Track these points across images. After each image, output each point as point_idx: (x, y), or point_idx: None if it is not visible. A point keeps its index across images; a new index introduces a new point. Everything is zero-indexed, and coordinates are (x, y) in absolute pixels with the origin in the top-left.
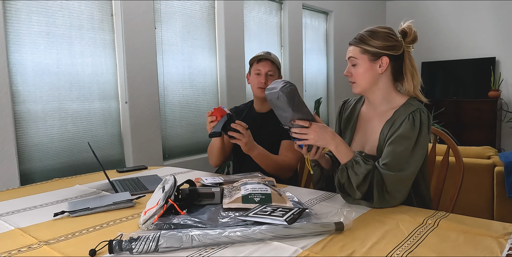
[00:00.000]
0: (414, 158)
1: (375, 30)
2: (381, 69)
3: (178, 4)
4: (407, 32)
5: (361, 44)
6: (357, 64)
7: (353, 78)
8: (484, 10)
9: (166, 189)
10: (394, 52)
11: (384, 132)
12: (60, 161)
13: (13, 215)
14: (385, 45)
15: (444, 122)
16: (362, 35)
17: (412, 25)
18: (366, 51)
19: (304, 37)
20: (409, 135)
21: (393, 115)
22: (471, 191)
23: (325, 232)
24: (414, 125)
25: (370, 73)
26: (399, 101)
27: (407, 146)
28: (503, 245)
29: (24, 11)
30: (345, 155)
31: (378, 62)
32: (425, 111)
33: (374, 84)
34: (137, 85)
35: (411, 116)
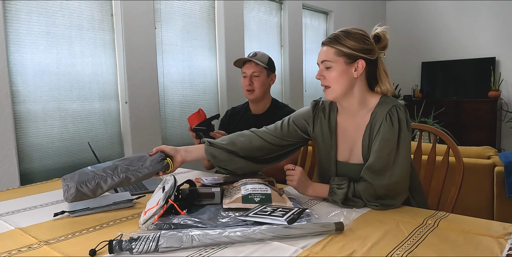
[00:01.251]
0: (401, 156)
1: (351, 31)
2: (357, 73)
3: (178, 4)
4: (380, 37)
5: (336, 45)
6: (331, 67)
7: (326, 82)
8: (484, 10)
9: (166, 189)
10: (370, 56)
11: (365, 137)
12: (60, 161)
13: (13, 215)
14: (362, 47)
15: (444, 122)
16: (337, 35)
17: (386, 31)
18: (342, 53)
19: (304, 37)
20: (390, 136)
21: (370, 118)
22: (471, 191)
23: (325, 232)
24: (393, 125)
25: (345, 77)
26: (374, 102)
27: (392, 147)
28: (503, 245)
29: (24, 11)
30: (323, 192)
31: (354, 66)
32: (401, 107)
33: (349, 89)
34: (137, 85)
35: (388, 116)
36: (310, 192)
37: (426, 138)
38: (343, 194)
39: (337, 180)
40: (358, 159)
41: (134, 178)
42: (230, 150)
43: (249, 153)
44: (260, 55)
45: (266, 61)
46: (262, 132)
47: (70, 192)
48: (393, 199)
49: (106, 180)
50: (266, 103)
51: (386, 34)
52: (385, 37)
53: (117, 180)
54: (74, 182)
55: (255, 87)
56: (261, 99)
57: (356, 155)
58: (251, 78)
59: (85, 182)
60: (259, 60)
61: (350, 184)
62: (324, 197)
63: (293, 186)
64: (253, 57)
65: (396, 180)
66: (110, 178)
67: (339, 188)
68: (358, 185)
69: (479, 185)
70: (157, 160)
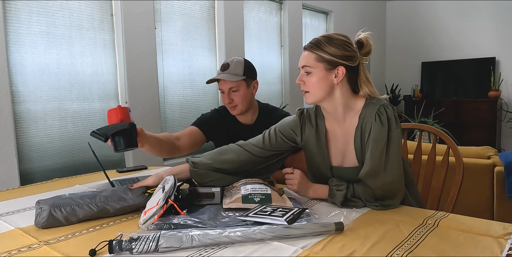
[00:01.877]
0: (392, 154)
1: (333, 36)
2: (337, 80)
3: (178, 4)
4: (363, 43)
5: (317, 50)
6: (311, 73)
7: (306, 87)
8: (484, 10)
9: (166, 189)
10: (350, 63)
11: (356, 140)
12: (60, 161)
13: (13, 215)
14: (343, 54)
15: (444, 122)
16: (318, 40)
17: (370, 37)
18: (322, 59)
19: (304, 37)
20: (381, 137)
21: (358, 121)
22: (471, 191)
23: (325, 232)
24: (382, 125)
25: (325, 83)
26: (360, 105)
27: (383, 146)
28: (503, 245)
29: (24, 11)
30: (323, 193)
31: (334, 72)
32: (389, 106)
33: (329, 94)
34: (137, 85)
35: (377, 116)
36: (311, 193)
37: (426, 138)
38: (342, 196)
39: (336, 181)
40: (352, 162)
41: (112, 209)
42: (217, 169)
43: (237, 168)
44: (234, 65)
45: (241, 71)
46: (249, 145)
47: (42, 215)
48: (391, 199)
49: (82, 207)
50: (254, 112)
51: (369, 40)
52: (368, 43)
53: (95, 209)
54: (48, 205)
55: (236, 103)
56: (247, 110)
57: (350, 159)
58: (230, 95)
59: (59, 207)
60: (233, 73)
61: (349, 185)
62: (325, 198)
63: (294, 190)
64: (225, 72)
65: (391, 178)
66: (87, 206)
67: (338, 189)
68: (357, 186)
69: (479, 185)
70: (137, 193)
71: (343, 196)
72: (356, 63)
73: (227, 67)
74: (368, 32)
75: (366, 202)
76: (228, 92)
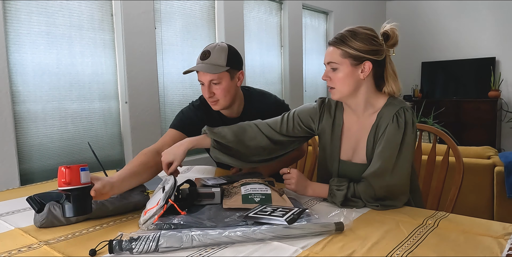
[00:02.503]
0: (403, 158)
1: (358, 31)
2: (363, 74)
3: (178, 4)
4: (389, 35)
5: (343, 46)
6: (337, 69)
7: (332, 83)
8: (484, 10)
9: (166, 189)
10: (377, 57)
11: (370, 138)
12: (60, 161)
13: (13, 215)
14: (369, 48)
15: (444, 122)
16: (343, 35)
17: (396, 28)
18: (348, 55)
19: (304, 37)
20: (395, 138)
21: (376, 119)
22: (471, 191)
23: (325, 232)
24: (399, 127)
25: (351, 78)
26: (381, 103)
27: (394, 148)
28: (503, 245)
29: (24, 11)
30: (322, 192)
31: (360, 67)
32: (409, 109)
33: (355, 90)
34: (137, 85)
35: (395, 118)
36: (310, 192)
37: (426, 138)
38: (342, 196)
39: (337, 180)
40: (361, 159)
41: (111, 206)
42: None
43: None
44: (216, 52)
45: (224, 60)
46: (267, 128)
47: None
48: (393, 200)
49: None
50: (240, 104)
51: (395, 31)
52: (394, 34)
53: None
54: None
55: (218, 97)
56: (231, 105)
57: (359, 155)
58: (210, 88)
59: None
60: (215, 64)
61: (349, 184)
62: (324, 197)
63: (292, 189)
64: (205, 61)
65: (396, 181)
66: None
67: (339, 189)
68: (358, 186)
69: (479, 185)
70: (137, 191)
71: (343, 195)
72: (382, 57)
73: (207, 55)
74: (394, 23)
75: (366, 202)
76: (208, 85)
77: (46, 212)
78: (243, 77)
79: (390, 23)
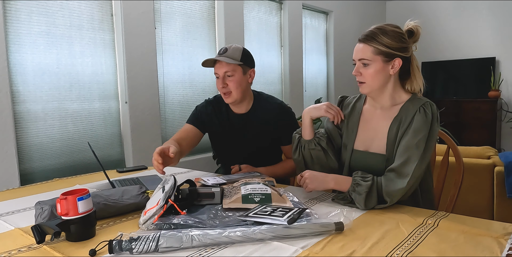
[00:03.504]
0: (427, 150)
1: (386, 28)
2: (393, 70)
3: (178, 4)
4: (414, 32)
5: (374, 43)
6: (369, 65)
7: (362, 78)
8: (484, 10)
9: (166, 189)
10: (405, 54)
11: (392, 129)
12: (60, 161)
13: (13, 215)
14: (399, 46)
15: (444, 122)
16: (374, 32)
17: (419, 26)
18: (380, 52)
19: (304, 37)
20: (422, 127)
21: (400, 111)
22: (471, 191)
23: (325, 232)
24: (426, 117)
25: (382, 74)
26: (404, 98)
27: (422, 137)
28: (503, 245)
29: (24, 11)
30: (345, 184)
31: (391, 64)
32: (434, 105)
33: (383, 85)
34: (137, 85)
35: (422, 109)
36: (331, 184)
37: None
38: (367, 187)
39: (361, 173)
40: (380, 149)
41: (112, 208)
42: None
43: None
44: (232, 50)
45: (239, 56)
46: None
47: (43, 215)
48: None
49: None
50: (249, 102)
51: (419, 28)
52: (418, 31)
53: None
54: (49, 205)
55: (230, 88)
56: (242, 100)
57: (378, 145)
58: (225, 79)
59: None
60: (231, 57)
61: (374, 177)
62: (346, 189)
63: (311, 188)
64: (223, 55)
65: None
66: None
67: (365, 180)
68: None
69: (479, 185)
70: (136, 192)
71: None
72: (410, 54)
73: (225, 51)
74: (417, 20)
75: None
76: (223, 77)
77: (48, 214)
78: (254, 75)
79: (413, 20)
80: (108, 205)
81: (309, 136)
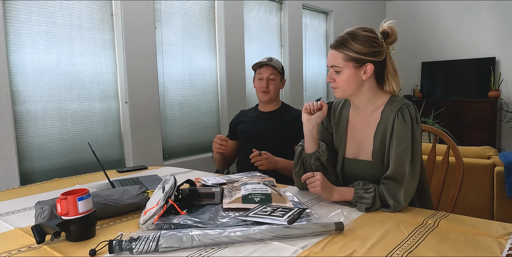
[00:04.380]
0: (415, 153)
1: (358, 33)
2: (366, 76)
3: (178, 4)
4: (389, 33)
5: (344, 49)
6: (340, 71)
7: (336, 84)
8: (484, 10)
9: (166, 189)
10: (378, 58)
11: (377, 136)
12: (60, 161)
13: (13, 215)
14: (370, 51)
15: (444, 122)
16: (344, 38)
17: (394, 26)
18: (350, 58)
19: (304, 37)
20: (404, 134)
21: (381, 117)
22: (471, 191)
23: (325, 232)
24: (405, 122)
25: (354, 80)
26: (383, 100)
27: (407, 143)
28: (503, 245)
29: (24, 11)
30: (348, 195)
31: (363, 69)
32: (411, 105)
33: (358, 89)
34: (137, 85)
35: (400, 114)
36: (335, 196)
37: (426, 138)
38: (371, 198)
39: (362, 184)
40: (366, 156)
41: (112, 208)
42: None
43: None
44: (276, 60)
45: (280, 67)
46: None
47: (43, 215)
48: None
49: None
50: (276, 105)
51: (394, 28)
52: (393, 32)
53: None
54: (49, 205)
55: (270, 89)
56: (273, 101)
57: (365, 152)
58: (267, 81)
59: None
60: (275, 66)
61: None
62: (349, 200)
63: (318, 192)
64: (270, 62)
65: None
66: None
67: (368, 192)
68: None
69: (479, 185)
70: (136, 192)
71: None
72: (383, 57)
73: (271, 60)
74: (392, 21)
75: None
76: (266, 79)
77: (48, 213)
78: (284, 85)
79: (387, 21)
80: (108, 204)
81: (310, 149)
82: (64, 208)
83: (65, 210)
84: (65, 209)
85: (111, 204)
